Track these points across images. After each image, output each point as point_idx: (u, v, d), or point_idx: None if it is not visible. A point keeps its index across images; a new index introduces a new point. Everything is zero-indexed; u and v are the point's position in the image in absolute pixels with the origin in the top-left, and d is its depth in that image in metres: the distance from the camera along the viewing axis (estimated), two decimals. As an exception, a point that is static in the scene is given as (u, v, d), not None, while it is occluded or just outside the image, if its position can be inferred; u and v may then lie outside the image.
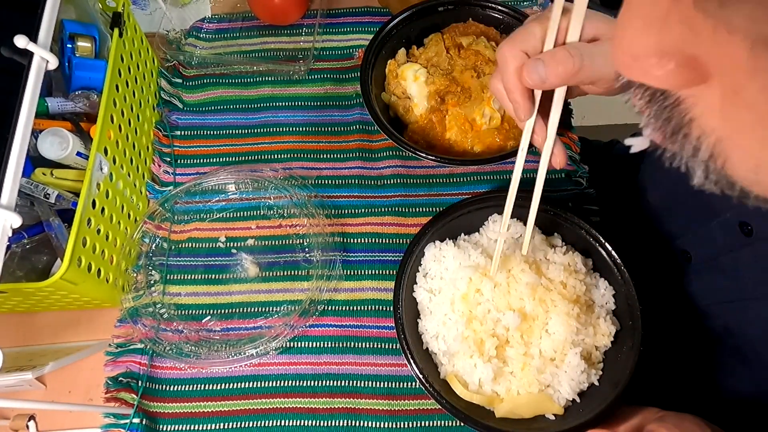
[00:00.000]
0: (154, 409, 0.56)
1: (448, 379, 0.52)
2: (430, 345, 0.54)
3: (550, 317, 0.51)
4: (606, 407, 0.47)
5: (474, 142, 0.64)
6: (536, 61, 0.40)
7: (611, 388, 0.49)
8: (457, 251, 0.55)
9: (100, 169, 0.54)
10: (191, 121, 0.73)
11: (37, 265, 0.57)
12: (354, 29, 0.78)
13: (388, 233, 0.64)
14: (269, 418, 0.55)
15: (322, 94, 0.74)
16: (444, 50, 0.68)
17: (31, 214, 0.56)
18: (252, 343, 0.56)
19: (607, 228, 0.55)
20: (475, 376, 0.50)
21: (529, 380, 0.50)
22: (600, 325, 0.52)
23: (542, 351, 0.51)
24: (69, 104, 0.60)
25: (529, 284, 0.51)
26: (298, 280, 0.62)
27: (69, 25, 0.61)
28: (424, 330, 0.55)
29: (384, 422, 0.55)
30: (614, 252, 0.53)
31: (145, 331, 0.57)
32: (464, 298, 0.53)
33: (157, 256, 0.63)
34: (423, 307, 0.56)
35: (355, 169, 0.68)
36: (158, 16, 0.78)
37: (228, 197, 0.67)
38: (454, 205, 0.58)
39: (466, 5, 0.70)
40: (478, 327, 0.51)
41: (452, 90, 0.65)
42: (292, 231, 0.65)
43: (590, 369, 0.50)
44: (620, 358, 0.51)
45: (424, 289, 0.56)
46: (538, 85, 0.41)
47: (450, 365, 0.52)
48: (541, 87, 0.41)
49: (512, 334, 0.51)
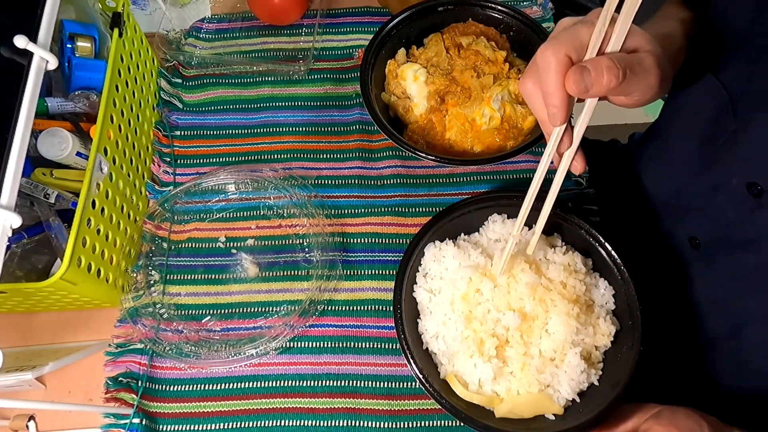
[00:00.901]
0: (154, 409, 0.56)
1: (448, 379, 0.52)
2: (430, 345, 0.54)
3: (550, 317, 0.51)
4: (606, 407, 0.47)
5: (474, 142, 0.64)
6: (583, 69, 0.38)
7: (611, 388, 0.49)
8: (457, 251, 0.55)
9: (100, 169, 0.54)
10: (191, 121, 0.73)
11: (37, 265, 0.57)
12: (354, 29, 0.78)
13: (388, 233, 0.64)
14: (269, 418, 0.55)
15: (322, 94, 0.74)
16: (444, 50, 0.68)
17: (31, 214, 0.56)
18: (252, 343, 0.56)
19: (607, 228, 0.55)
20: (475, 376, 0.51)
21: (529, 380, 0.50)
22: (600, 325, 0.52)
23: (542, 351, 0.51)
24: (69, 104, 0.60)
25: (528, 284, 0.51)
26: (298, 280, 0.62)
27: (69, 25, 0.61)
28: (424, 330, 0.55)
29: (384, 422, 0.55)
30: (614, 252, 0.53)
31: (144, 331, 0.57)
32: (464, 298, 0.53)
33: (157, 256, 0.63)
34: (423, 307, 0.56)
35: (355, 169, 0.68)
36: (158, 16, 0.78)
37: (228, 197, 0.67)
38: (454, 205, 0.58)
39: (466, 5, 0.70)
40: (478, 327, 0.51)
41: (452, 90, 0.65)
42: (292, 231, 0.65)
43: (590, 369, 0.51)
44: (620, 358, 0.51)
45: (424, 289, 0.56)
46: (580, 94, 0.40)
47: (450, 365, 0.52)
48: (584, 96, 0.40)
49: (512, 334, 0.51)
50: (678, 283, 0.56)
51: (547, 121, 0.43)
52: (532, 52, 0.68)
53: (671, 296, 0.56)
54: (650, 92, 0.41)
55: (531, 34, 0.68)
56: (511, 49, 0.70)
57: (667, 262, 0.57)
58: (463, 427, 0.54)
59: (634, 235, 0.62)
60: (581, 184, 0.65)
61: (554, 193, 0.47)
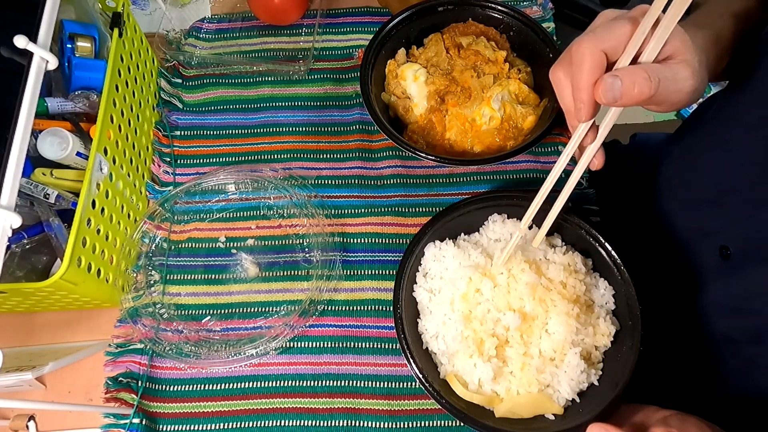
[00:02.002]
0: (154, 409, 0.56)
1: (447, 379, 0.52)
2: (429, 345, 0.54)
3: (550, 317, 0.51)
4: (606, 407, 0.47)
5: (474, 142, 0.64)
6: (614, 80, 0.38)
7: (611, 388, 0.49)
8: (457, 251, 0.55)
9: (99, 169, 0.54)
10: (191, 121, 0.73)
11: (37, 265, 0.57)
12: (354, 29, 0.78)
13: (388, 233, 0.64)
14: (269, 418, 0.55)
15: (322, 94, 0.74)
16: (444, 50, 0.68)
17: (31, 214, 0.56)
18: (252, 343, 0.56)
19: (607, 228, 0.55)
20: (475, 375, 0.51)
21: (529, 380, 0.50)
22: (600, 325, 0.52)
23: (542, 351, 0.51)
24: (69, 104, 0.60)
25: (528, 284, 0.51)
26: (298, 280, 0.62)
27: (69, 25, 0.61)
28: (424, 330, 0.55)
29: (384, 422, 0.55)
30: (614, 252, 0.53)
31: (144, 331, 0.57)
32: (464, 298, 0.53)
33: (157, 256, 0.63)
34: (423, 307, 0.56)
35: (355, 169, 0.68)
36: (158, 16, 0.78)
37: (228, 197, 0.67)
38: (454, 205, 0.58)
39: (466, 5, 0.70)
40: (478, 327, 0.51)
41: (452, 90, 0.65)
42: (292, 231, 0.65)
43: (590, 369, 0.51)
44: (620, 358, 0.51)
45: (424, 288, 0.56)
46: (608, 103, 0.39)
47: (450, 365, 0.52)
48: (611, 105, 0.40)
49: (512, 334, 0.51)
50: (693, 287, 0.54)
51: (572, 112, 0.43)
52: (532, 52, 0.69)
53: (683, 298, 0.55)
54: (681, 103, 0.41)
55: (531, 34, 0.68)
56: (511, 49, 0.70)
57: (683, 267, 0.55)
58: (463, 427, 0.54)
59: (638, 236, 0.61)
60: (581, 184, 0.65)
61: (571, 186, 0.47)
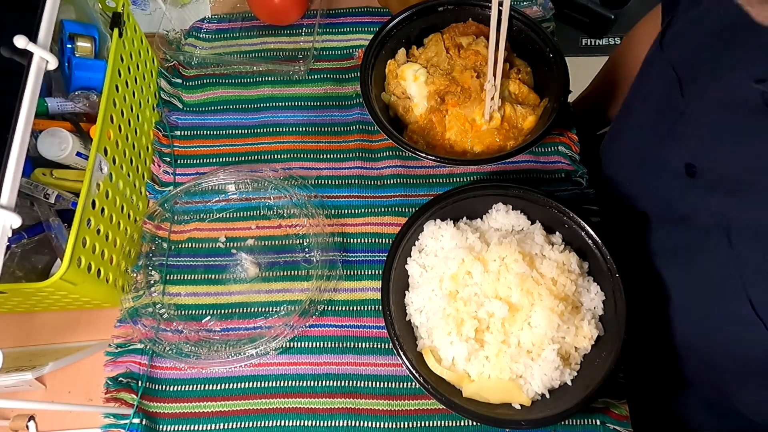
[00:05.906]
0: (154, 409, 0.56)
1: (423, 352, 0.53)
2: (413, 317, 0.55)
3: (534, 310, 0.51)
4: (571, 407, 0.47)
5: (474, 142, 0.64)
6: None
7: (582, 390, 0.49)
8: (456, 232, 0.56)
9: (99, 169, 0.54)
10: (191, 122, 0.73)
11: (37, 265, 0.57)
12: (354, 29, 0.78)
13: (388, 233, 0.64)
14: (269, 418, 0.55)
15: (322, 94, 0.74)
16: (444, 50, 0.68)
17: (31, 214, 0.56)
18: (252, 344, 0.57)
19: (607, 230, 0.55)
20: (450, 352, 0.51)
21: (502, 367, 0.51)
22: (583, 327, 0.52)
23: (521, 341, 0.51)
24: (69, 104, 0.60)
25: (519, 274, 0.52)
26: (298, 280, 0.62)
27: (69, 25, 0.61)
28: (410, 302, 0.56)
29: (384, 422, 0.55)
30: (611, 258, 0.53)
31: (144, 332, 0.57)
32: (453, 278, 0.53)
33: (157, 256, 0.63)
34: (413, 281, 0.56)
35: (355, 169, 0.68)
36: (158, 16, 0.78)
37: (228, 197, 0.67)
38: (461, 187, 0.58)
39: (466, 5, 0.70)
40: (461, 307, 0.52)
41: (452, 90, 0.65)
42: (291, 231, 0.65)
43: (565, 368, 0.51)
44: (598, 363, 0.51)
45: (417, 263, 0.56)
46: None
47: (428, 340, 0.53)
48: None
49: (494, 321, 0.52)
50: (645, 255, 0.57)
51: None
52: (532, 52, 0.69)
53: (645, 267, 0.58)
54: None
55: (531, 34, 0.68)
56: (511, 49, 0.70)
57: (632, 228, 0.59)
58: (463, 427, 0.54)
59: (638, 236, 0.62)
60: (581, 184, 0.65)
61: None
